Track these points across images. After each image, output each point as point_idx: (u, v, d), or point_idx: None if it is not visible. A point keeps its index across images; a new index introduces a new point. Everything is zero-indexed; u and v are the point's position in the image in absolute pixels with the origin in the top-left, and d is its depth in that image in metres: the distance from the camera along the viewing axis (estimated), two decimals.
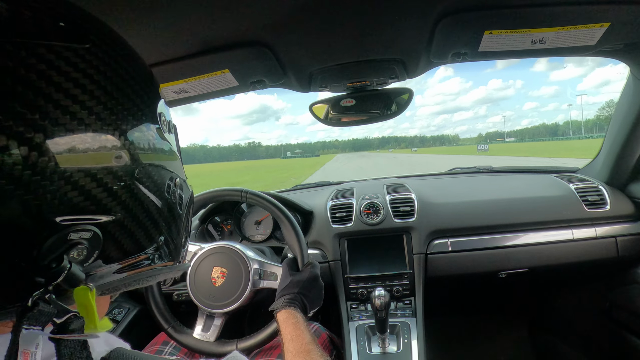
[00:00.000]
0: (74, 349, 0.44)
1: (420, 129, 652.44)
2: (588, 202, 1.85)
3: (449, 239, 1.84)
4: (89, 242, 0.46)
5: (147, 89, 0.56)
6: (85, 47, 0.47)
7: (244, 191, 1.48)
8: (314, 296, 1.28)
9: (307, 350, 1.03)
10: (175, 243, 0.62)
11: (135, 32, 1.04)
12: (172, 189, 0.59)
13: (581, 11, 1.15)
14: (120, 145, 0.48)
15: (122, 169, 0.48)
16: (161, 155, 0.56)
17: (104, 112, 0.47)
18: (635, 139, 1.72)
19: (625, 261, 1.83)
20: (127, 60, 0.54)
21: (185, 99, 1.52)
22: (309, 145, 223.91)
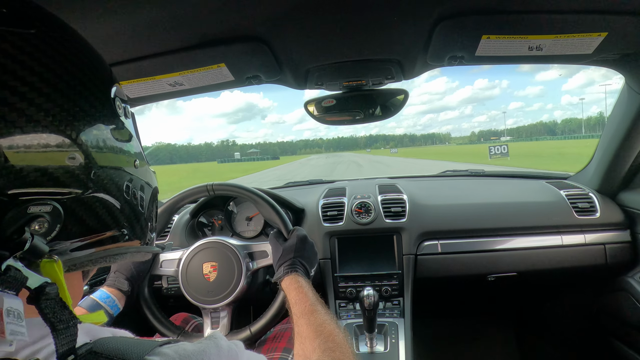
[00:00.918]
0: (55, 308, 0.45)
1: (407, 128, 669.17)
2: (578, 208, 1.86)
3: (439, 241, 1.85)
4: (50, 216, 0.48)
5: (98, 86, 0.56)
6: (30, 32, 0.48)
7: (209, 185, 1.49)
8: (309, 256, 1.30)
9: (311, 310, 1.04)
10: (140, 225, 0.64)
11: (130, 22, 1.03)
12: (132, 190, 0.60)
13: (579, 20, 1.15)
14: (73, 145, 0.49)
15: (74, 175, 0.50)
16: (120, 156, 0.58)
17: (53, 107, 0.48)
18: (627, 148, 1.73)
19: (614, 268, 1.84)
20: (78, 51, 0.55)
21: (180, 91, 1.51)
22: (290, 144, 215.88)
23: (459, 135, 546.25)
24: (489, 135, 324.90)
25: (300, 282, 1.15)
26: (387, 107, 1.66)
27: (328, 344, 0.92)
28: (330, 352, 0.89)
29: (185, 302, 1.41)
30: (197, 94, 1.57)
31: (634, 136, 1.68)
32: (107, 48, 1.15)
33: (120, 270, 1.33)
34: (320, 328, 0.97)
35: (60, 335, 0.45)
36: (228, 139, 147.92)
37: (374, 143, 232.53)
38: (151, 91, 1.47)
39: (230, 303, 1.37)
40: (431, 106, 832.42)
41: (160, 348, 0.50)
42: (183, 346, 0.51)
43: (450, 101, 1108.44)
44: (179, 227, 1.89)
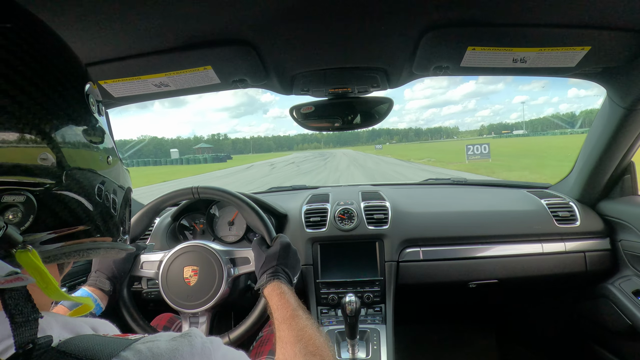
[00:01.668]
0: (17, 300, 0.46)
1: (409, 123, 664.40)
2: (559, 217, 1.89)
3: (421, 248, 1.86)
4: (23, 206, 0.48)
5: (72, 83, 0.57)
6: (6, 26, 0.49)
7: (194, 187, 1.48)
8: (291, 263, 1.29)
9: (292, 316, 1.03)
10: (112, 220, 0.64)
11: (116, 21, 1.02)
12: (104, 191, 0.61)
13: (563, 34, 1.17)
14: (45, 142, 0.50)
15: (47, 170, 0.50)
16: (92, 153, 0.59)
17: (27, 101, 0.48)
18: (607, 159, 1.76)
19: (593, 275, 1.88)
20: (53, 47, 0.56)
21: (165, 92, 1.49)
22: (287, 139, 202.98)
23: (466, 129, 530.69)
24: (500, 129, 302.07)
25: (283, 289, 1.15)
26: (371, 114, 1.66)
27: (309, 348, 0.92)
28: (311, 356, 0.90)
29: (165, 306, 1.39)
30: (183, 95, 1.55)
31: (614, 147, 1.71)
32: (92, 46, 1.14)
33: (101, 269, 1.31)
34: (301, 333, 0.97)
35: (18, 328, 0.45)
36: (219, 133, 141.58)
37: (377, 137, 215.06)
38: (136, 91, 1.45)
39: (210, 309, 1.36)
40: (434, 100, 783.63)
41: (135, 344, 0.50)
42: (157, 344, 0.51)
43: (453, 95, 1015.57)
44: (160, 229, 1.87)
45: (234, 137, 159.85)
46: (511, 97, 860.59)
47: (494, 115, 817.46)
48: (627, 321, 1.70)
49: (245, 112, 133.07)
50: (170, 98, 1.60)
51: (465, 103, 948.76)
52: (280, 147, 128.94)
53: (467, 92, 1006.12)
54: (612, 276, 1.86)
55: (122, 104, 1.62)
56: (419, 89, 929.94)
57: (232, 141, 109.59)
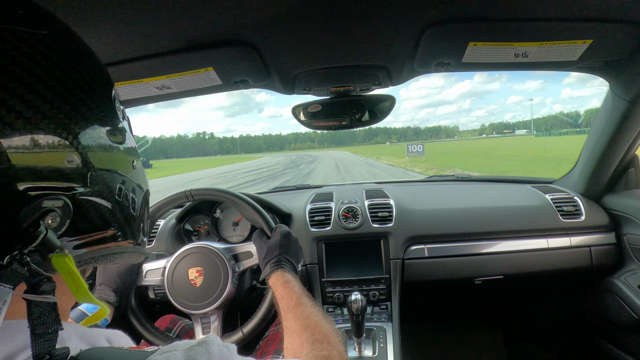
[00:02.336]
0: (43, 309, 0.47)
1: (404, 123, 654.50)
2: (563, 212, 1.88)
3: (426, 245, 1.86)
4: (61, 210, 0.49)
5: (102, 88, 0.58)
6: (42, 33, 0.50)
7: (187, 191, 1.48)
8: (294, 251, 1.29)
9: (297, 304, 1.04)
10: (136, 225, 0.66)
11: (117, 25, 1.02)
12: (124, 192, 0.61)
13: (565, 27, 1.16)
14: (72, 148, 0.51)
15: (73, 171, 0.51)
16: (120, 157, 0.60)
17: (58, 109, 0.49)
18: (611, 152, 1.76)
19: (599, 270, 1.87)
20: (83, 53, 0.57)
21: (167, 95, 1.49)
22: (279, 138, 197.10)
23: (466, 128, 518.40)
24: (502, 128, 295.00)
25: (287, 277, 1.15)
26: (374, 112, 1.66)
27: (315, 336, 0.92)
28: (318, 344, 0.89)
29: (171, 307, 1.40)
30: (185, 97, 1.56)
31: (618, 141, 1.71)
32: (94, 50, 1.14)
33: (106, 282, 1.31)
34: (306, 321, 0.97)
35: (37, 339, 0.45)
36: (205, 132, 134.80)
37: (374, 137, 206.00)
38: (138, 94, 1.45)
39: (219, 307, 1.36)
40: (429, 100, 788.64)
41: (152, 356, 0.50)
42: (175, 354, 0.51)
43: (448, 95, 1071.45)
44: (165, 232, 1.87)
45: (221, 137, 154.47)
46: (506, 97, 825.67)
47: (488, 115, 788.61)
48: (634, 315, 1.70)
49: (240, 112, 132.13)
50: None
51: (460, 103, 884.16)
52: (270, 147, 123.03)
53: (463, 92, 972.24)
54: (618, 270, 1.86)
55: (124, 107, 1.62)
56: (415, 89, 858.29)
57: (219, 140, 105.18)
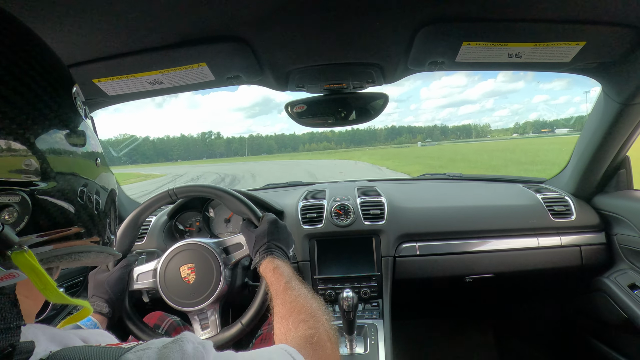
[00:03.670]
0: (3, 304, 0.46)
1: (425, 122, 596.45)
2: (554, 211, 1.89)
3: (417, 243, 1.87)
4: (19, 206, 0.48)
5: (61, 90, 0.57)
6: None
7: (170, 190, 1.47)
8: (283, 237, 1.29)
9: (285, 289, 1.03)
10: (101, 224, 0.65)
11: (109, 19, 1.01)
12: (87, 194, 0.60)
13: (559, 29, 1.17)
14: (30, 153, 0.49)
15: (33, 172, 0.50)
16: (79, 158, 0.58)
17: (11, 120, 0.48)
18: (602, 153, 1.77)
19: (589, 269, 1.89)
20: (36, 52, 0.55)
21: (160, 90, 1.49)
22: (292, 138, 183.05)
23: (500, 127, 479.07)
24: (539, 127, 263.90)
25: (276, 263, 1.15)
26: (366, 110, 1.66)
27: (301, 317, 0.92)
28: (303, 324, 0.89)
29: (163, 304, 1.39)
30: (177, 92, 1.55)
31: (609, 142, 1.71)
32: (85, 44, 1.13)
33: (97, 294, 1.30)
34: (293, 304, 0.97)
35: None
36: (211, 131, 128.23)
37: (397, 136, 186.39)
38: (130, 89, 1.44)
39: (215, 301, 1.36)
40: (451, 100, 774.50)
41: (126, 354, 0.49)
42: (147, 352, 0.50)
43: (471, 95, 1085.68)
44: (156, 229, 1.86)
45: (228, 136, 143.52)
46: (531, 97, 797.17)
47: (512, 115, 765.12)
48: (623, 314, 1.71)
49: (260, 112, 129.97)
50: (191, 99, 1.59)
51: (483, 102, 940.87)
52: (282, 148, 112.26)
53: (486, 91, 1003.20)
54: (608, 270, 1.87)
55: (116, 102, 1.61)
56: (436, 88, 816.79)
57: (226, 141, 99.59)
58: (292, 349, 0.74)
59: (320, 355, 0.81)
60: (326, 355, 0.83)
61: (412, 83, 62.64)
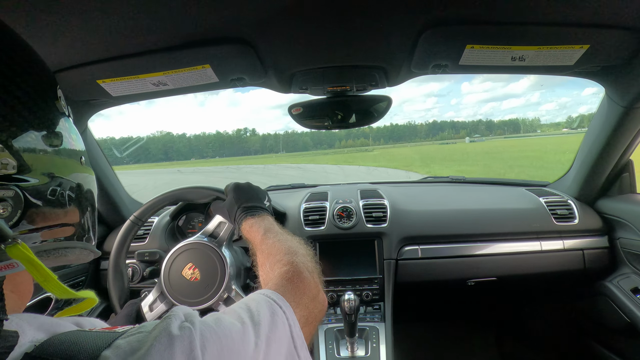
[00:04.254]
0: None
1: (466, 118, 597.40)
2: (557, 215, 1.89)
3: (420, 246, 1.87)
4: (13, 200, 0.49)
5: (41, 92, 0.57)
6: None
7: (133, 217, 1.48)
8: (250, 196, 1.27)
9: (262, 240, 1.03)
10: (86, 223, 0.66)
11: (114, 20, 1.02)
12: (75, 191, 0.61)
13: (562, 32, 1.17)
14: (5, 151, 0.49)
15: (7, 177, 0.50)
16: (61, 157, 0.59)
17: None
18: (606, 157, 1.77)
19: (592, 273, 1.88)
20: (18, 54, 0.55)
21: (163, 91, 1.49)
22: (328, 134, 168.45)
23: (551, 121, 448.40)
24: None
25: (251, 222, 1.14)
26: (369, 112, 1.66)
27: (276, 257, 0.91)
28: (279, 263, 0.88)
29: None
30: (181, 94, 1.55)
31: (612, 145, 1.71)
32: (90, 45, 1.13)
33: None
34: (269, 250, 0.97)
35: None
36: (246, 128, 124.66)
37: (439, 132, 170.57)
38: (134, 90, 1.45)
39: (225, 289, 1.35)
40: (494, 94, 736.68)
41: (117, 340, 0.49)
42: (138, 337, 0.49)
43: (515, 88, 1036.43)
44: (159, 229, 1.86)
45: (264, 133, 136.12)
46: (581, 89, 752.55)
47: (560, 108, 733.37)
48: (626, 319, 1.71)
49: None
50: (231, 97, 1.58)
51: (528, 96, 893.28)
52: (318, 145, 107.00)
53: (531, 84, 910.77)
54: (611, 274, 1.87)
55: (120, 103, 1.62)
56: (477, 82, 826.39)
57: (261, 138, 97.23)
58: (269, 291, 0.73)
59: (299, 286, 0.80)
60: (305, 285, 0.82)
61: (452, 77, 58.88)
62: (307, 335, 0.75)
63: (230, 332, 0.57)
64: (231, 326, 0.58)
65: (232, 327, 0.58)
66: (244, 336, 0.58)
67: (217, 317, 0.59)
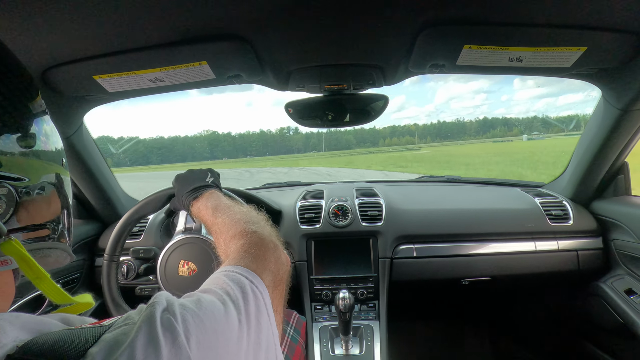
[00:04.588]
0: None
1: (518, 114, 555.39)
2: (552, 216, 1.90)
3: (415, 245, 1.87)
4: (6, 197, 0.50)
5: (16, 95, 0.56)
6: None
7: (107, 255, 1.39)
8: (190, 180, 1.22)
9: (212, 220, 1.01)
10: (65, 226, 0.66)
11: (111, 16, 1.01)
12: (50, 194, 0.60)
13: (560, 34, 1.17)
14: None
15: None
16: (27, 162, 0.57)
17: None
18: (601, 159, 1.77)
19: (586, 274, 1.89)
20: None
21: (160, 87, 1.48)
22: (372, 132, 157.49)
23: None
24: None
25: (197, 206, 1.12)
26: (366, 111, 1.66)
27: (230, 233, 0.90)
28: (234, 239, 0.87)
29: None
30: (178, 90, 1.54)
31: (608, 148, 1.72)
32: (86, 41, 1.13)
33: None
34: (220, 229, 0.95)
35: None
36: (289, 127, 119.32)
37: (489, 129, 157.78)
38: (131, 86, 1.44)
39: None
40: (549, 89, 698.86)
41: (104, 335, 0.47)
42: (124, 329, 0.48)
43: (572, 83, 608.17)
44: (154, 226, 1.86)
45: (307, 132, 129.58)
46: None
47: None
48: (619, 319, 1.72)
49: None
50: (277, 96, 1.56)
51: (587, 90, 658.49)
52: (361, 142, 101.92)
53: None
54: (605, 275, 1.87)
55: (116, 99, 1.61)
56: (530, 77, 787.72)
57: (304, 136, 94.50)
58: (231, 266, 0.72)
59: (260, 254, 0.79)
60: (266, 250, 0.81)
61: None
62: (279, 297, 0.76)
63: (213, 312, 0.56)
64: (212, 306, 0.57)
65: (214, 307, 0.57)
66: (227, 315, 0.58)
67: (197, 298, 0.58)
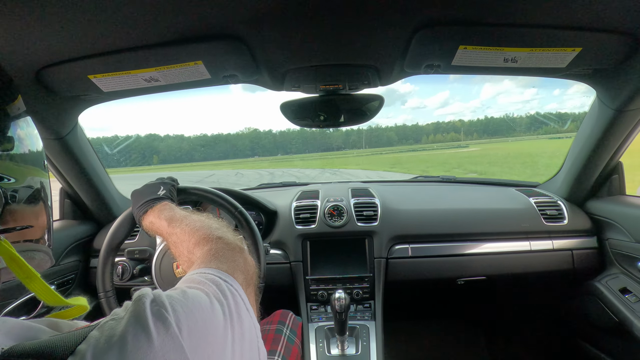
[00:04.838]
0: None
1: (571, 109, 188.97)
2: (547, 215, 1.90)
3: (410, 245, 1.88)
4: None
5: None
6: None
7: (102, 293, 1.35)
8: (142, 196, 1.21)
9: (168, 232, 1.00)
10: (49, 228, 0.65)
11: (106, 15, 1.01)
12: (40, 195, 0.61)
13: (555, 35, 1.17)
14: None
15: None
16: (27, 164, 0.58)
17: None
18: (596, 159, 1.78)
19: (581, 273, 1.90)
20: None
21: (155, 87, 1.48)
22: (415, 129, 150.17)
23: None
24: None
25: (149, 219, 1.11)
26: (361, 111, 1.66)
27: (192, 241, 0.89)
28: (197, 247, 0.87)
29: None
30: (173, 90, 1.54)
31: (603, 148, 1.73)
32: (81, 40, 1.12)
33: None
34: (180, 239, 0.95)
35: None
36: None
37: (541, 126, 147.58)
38: (126, 85, 1.43)
39: None
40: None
41: (92, 332, 0.46)
42: (111, 324, 0.47)
43: None
44: None
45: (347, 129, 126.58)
46: None
47: None
48: (614, 318, 1.72)
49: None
50: None
51: None
52: (404, 140, 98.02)
53: None
54: (600, 274, 1.88)
55: (111, 99, 1.60)
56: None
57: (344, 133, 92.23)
58: (202, 269, 0.71)
59: (228, 255, 0.79)
60: (233, 251, 0.81)
61: None
62: (251, 297, 0.75)
63: (200, 303, 0.56)
64: (199, 297, 0.57)
65: (200, 299, 0.57)
66: (213, 307, 0.57)
67: (182, 290, 0.58)
